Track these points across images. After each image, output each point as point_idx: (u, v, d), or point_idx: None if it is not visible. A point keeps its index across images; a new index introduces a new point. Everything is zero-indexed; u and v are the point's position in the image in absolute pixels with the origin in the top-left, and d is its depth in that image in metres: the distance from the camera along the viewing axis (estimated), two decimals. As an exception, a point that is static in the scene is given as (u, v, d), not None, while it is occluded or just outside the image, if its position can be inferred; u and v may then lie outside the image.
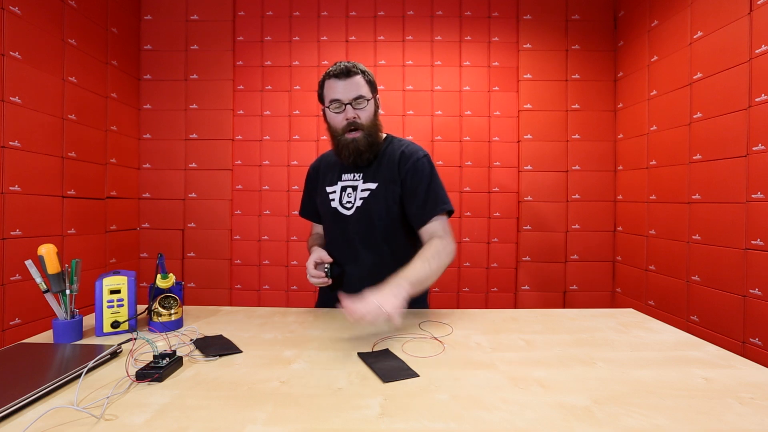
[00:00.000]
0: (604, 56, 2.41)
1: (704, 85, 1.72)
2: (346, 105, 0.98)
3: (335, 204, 1.07)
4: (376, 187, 1.03)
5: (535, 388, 0.60)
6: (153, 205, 2.42)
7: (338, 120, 1.00)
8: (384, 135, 1.11)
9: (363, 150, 1.01)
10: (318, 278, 0.98)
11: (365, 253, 1.04)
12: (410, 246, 1.05)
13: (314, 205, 1.18)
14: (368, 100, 1.00)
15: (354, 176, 1.07)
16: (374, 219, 1.03)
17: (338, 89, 0.98)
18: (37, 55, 1.70)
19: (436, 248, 0.93)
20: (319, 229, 1.22)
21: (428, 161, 1.05)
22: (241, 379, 0.62)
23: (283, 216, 2.43)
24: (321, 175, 1.15)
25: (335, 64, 1.00)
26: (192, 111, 2.42)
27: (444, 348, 0.76)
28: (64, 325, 0.77)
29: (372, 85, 1.02)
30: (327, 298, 1.12)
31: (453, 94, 2.42)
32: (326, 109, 1.02)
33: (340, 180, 1.08)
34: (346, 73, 0.97)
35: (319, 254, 0.99)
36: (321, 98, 1.04)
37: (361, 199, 1.04)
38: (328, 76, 1.00)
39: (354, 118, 0.99)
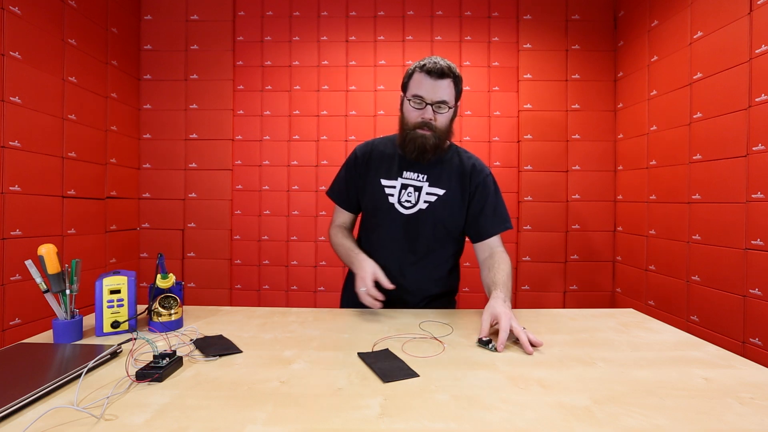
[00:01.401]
0: (604, 56, 2.41)
1: (704, 85, 1.71)
2: (427, 105, 0.96)
3: (393, 200, 1.04)
4: (444, 193, 1.04)
5: (535, 388, 0.60)
6: (153, 205, 2.42)
7: (414, 115, 0.98)
8: (448, 142, 1.08)
9: (428, 149, 0.99)
10: (376, 300, 0.91)
11: (412, 253, 1.04)
12: (450, 252, 1.10)
13: (352, 194, 1.12)
14: (450, 108, 0.99)
15: (418, 176, 1.04)
16: (437, 223, 1.04)
17: (425, 87, 0.96)
18: (37, 55, 1.70)
19: (508, 263, 1.01)
20: (345, 218, 1.15)
21: (494, 178, 1.09)
22: (241, 379, 0.62)
23: (283, 216, 2.43)
24: (373, 163, 1.08)
25: (431, 59, 0.96)
26: (192, 111, 2.42)
27: (444, 348, 0.76)
28: (64, 325, 0.77)
29: (458, 92, 1.00)
30: (354, 299, 1.08)
31: (453, 94, 2.42)
32: (405, 100, 1.00)
33: (401, 177, 1.05)
34: (440, 74, 0.94)
35: (375, 271, 0.94)
36: (404, 87, 1.02)
37: (426, 202, 1.03)
38: (421, 69, 0.96)
39: (430, 119, 0.97)
